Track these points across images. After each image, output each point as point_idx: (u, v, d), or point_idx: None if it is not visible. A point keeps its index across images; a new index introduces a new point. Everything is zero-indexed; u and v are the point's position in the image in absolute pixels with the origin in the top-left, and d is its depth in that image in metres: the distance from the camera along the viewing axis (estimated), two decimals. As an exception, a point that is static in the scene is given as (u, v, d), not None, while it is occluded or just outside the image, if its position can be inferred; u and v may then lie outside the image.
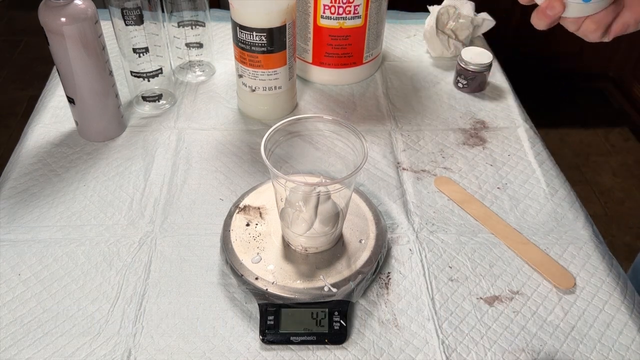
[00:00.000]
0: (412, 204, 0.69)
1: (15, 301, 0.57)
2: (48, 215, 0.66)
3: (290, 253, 0.59)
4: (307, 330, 0.54)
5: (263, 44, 0.71)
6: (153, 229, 0.64)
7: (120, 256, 0.61)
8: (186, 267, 0.61)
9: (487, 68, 0.85)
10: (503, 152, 0.77)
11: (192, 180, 0.71)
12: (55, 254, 0.61)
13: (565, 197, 0.70)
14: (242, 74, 0.76)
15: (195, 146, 0.76)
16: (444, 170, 0.74)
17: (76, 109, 0.73)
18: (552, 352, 0.54)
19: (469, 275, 0.61)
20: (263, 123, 0.80)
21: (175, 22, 0.82)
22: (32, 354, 0.53)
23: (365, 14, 0.80)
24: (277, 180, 0.54)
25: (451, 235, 0.65)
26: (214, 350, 0.54)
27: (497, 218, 0.67)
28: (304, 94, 0.87)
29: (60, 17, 0.63)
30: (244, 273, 0.56)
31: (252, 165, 0.73)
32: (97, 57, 0.68)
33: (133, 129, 0.78)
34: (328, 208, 0.55)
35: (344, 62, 0.86)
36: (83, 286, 0.59)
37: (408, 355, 0.54)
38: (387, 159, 0.75)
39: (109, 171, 0.72)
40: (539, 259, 0.62)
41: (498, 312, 0.57)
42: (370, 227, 0.61)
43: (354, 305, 0.58)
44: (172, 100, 0.83)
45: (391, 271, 0.61)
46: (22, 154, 0.74)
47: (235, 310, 0.57)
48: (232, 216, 0.62)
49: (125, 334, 0.55)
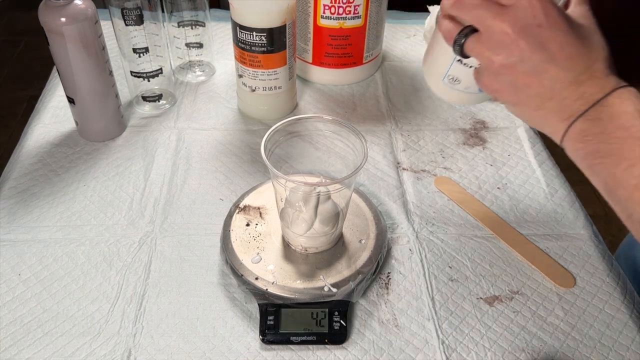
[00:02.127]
0: (412, 204, 0.69)
1: (15, 301, 0.57)
2: (48, 215, 0.66)
3: (290, 253, 0.59)
4: (307, 330, 0.54)
5: (263, 44, 0.71)
6: (153, 229, 0.64)
7: (120, 256, 0.61)
8: (186, 267, 0.61)
9: (487, 68, 0.85)
10: (503, 152, 0.77)
11: (192, 180, 0.71)
12: (55, 254, 0.61)
13: (565, 197, 0.70)
14: (242, 74, 0.76)
15: (195, 146, 0.76)
16: (444, 170, 0.74)
17: (76, 109, 0.73)
18: (552, 352, 0.54)
19: (469, 275, 0.61)
20: (263, 123, 0.80)
21: (175, 22, 0.82)
22: (32, 354, 0.53)
23: (365, 14, 0.80)
24: (277, 180, 0.54)
25: (451, 235, 0.65)
26: (214, 350, 0.54)
27: (497, 218, 0.67)
28: (304, 94, 0.87)
29: (60, 17, 0.63)
30: (244, 273, 0.56)
31: (252, 165, 0.73)
32: (97, 57, 0.68)
33: (133, 129, 0.78)
34: (328, 208, 0.55)
35: (344, 62, 0.85)
36: (83, 286, 0.59)
37: (408, 355, 0.54)
38: (387, 159, 0.75)
39: (109, 171, 0.72)
40: (539, 259, 0.62)
41: (498, 312, 0.57)
42: (370, 227, 0.61)
43: (354, 305, 0.58)
44: (172, 100, 0.83)
45: (391, 271, 0.61)
46: (22, 154, 0.74)
47: (235, 310, 0.57)
48: (232, 216, 0.62)
49: (125, 334, 0.55)
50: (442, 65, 0.58)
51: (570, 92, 0.41)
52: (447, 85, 0.60)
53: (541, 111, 0.42)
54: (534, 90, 0.42)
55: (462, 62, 0.54)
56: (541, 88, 0.41)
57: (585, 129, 0.40)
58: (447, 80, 0.59)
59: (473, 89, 0.58)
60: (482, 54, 0.43)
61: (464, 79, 0.57)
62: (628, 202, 0.39)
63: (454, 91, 0.60)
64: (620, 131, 0.39)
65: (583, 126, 0.40)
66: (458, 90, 0.60)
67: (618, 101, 0.39)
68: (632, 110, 0.39)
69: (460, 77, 0.57)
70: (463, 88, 0.59)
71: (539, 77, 0.41)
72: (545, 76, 0.41)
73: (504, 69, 0.42)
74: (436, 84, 0.61)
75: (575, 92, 0.41)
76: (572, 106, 0.41)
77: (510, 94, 0.43)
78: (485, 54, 0.43)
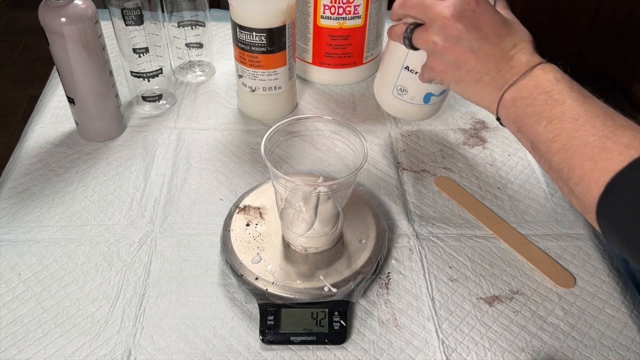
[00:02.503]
0: (412, 204, 0.69)
1: (15, 301, 0.57)
2: (48, 215, 0.66)
3: (290, 253, 0.59)
4: (307, 330, 0.54)
5: (263, 44, 0.71)
6: (153, 229, 0.64)
7: (120, 256, 0.61)
8: (186, 267, 0.61)
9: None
10: (503, 152, 0.77)
11: (192, 180, 0.71)
12: (55, 254, 0.61)
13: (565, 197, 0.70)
14: (242, 74, 0.76)
15: (195, 146, 0.76)
16: (444, 170, 0.74)
17: (76, 109, 0.73)
18: (552, 352, 0.54)
19: (469, 275, 0.61)
20: (263, 123, 0.80)
21: (175, 22, 0.82)
22: (32, 354, 0.53)
23: (365, 14, 0.80)
24: (277, 181, 0.54)
25: (451, 235, 0.65)
26: (214, 350, 0.54)
27: (497, 218, 0.67)
28: (304, 94, 0.87)
29: (60, 17, 0.63)
30: (244, 273, 0.56)
31: (252, 165, 0.73)
32: (97, 57, 0.68)
33: (133, 129, 0.78)
34: (328, 208, 0.55)
35: (344, 62, 0.85)
36: (83, 286, 0.59)
37: (408, 355, 0.54)
38: (387, 159, 0.75)
39: (109, 171, 0.72)
40: (539, 259, 0.62)
41: (498, 312, 0.57)
42: (370, 227, 0.61)
43: (354, 305, 0.58)
44: (172, 100, 0.83)
45: (391, 271, 0.61)
46: (22, 154, 0.74)
47: (235, 310, 0.57)
48: (232, 216, 0.62)
49: (125, 334, 0.55)
50: (392, 77, 0.68)
51: (502, 65, 0.49)
52: (396, 98, 0.70)
53: (479, 84, 0.51)
54: (472, 65, 0.50)
55: (409, 69, 0.65)
56: (478, 63, 0.50)
57: (515, 96, 0.48)
58: (396, 92, 0.69)
59: (418, 100, 0.69)
60: (427, 40, 0.52)
61: (410, 88, 0.68)
62: (547, 154, 0.46)
63: (402, 103, 0.70)
64: (542, 95, 0.46)
65: (513, 94, 0.49)
66: (406, 102, 0.70)
67: (541, 72, 0.48)
68: (552, 79, 0.47)
69: (407, 85, 0.68)
70: (409, 99, 0.69)
71: (475, 53, 0.50)
72: (480, 53, 0.50)
73: (446, 50, 0.51)
74: (387, 98, 0.72)
75: (507, 66, 0.49)
76: (504, 77, 0.49)
77: (453, 71, 0.52)
78: (430, 39, 0.52)
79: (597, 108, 0.45)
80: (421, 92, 0.68)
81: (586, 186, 0.43)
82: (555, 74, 0.47)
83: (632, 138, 0.42)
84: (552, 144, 0.45)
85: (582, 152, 0.43)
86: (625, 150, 0.41)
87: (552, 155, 0.45)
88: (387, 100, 0.71)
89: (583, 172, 0.43)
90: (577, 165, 0.43)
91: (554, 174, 0.47)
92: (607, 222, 0.43)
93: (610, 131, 0.42)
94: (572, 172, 0.44)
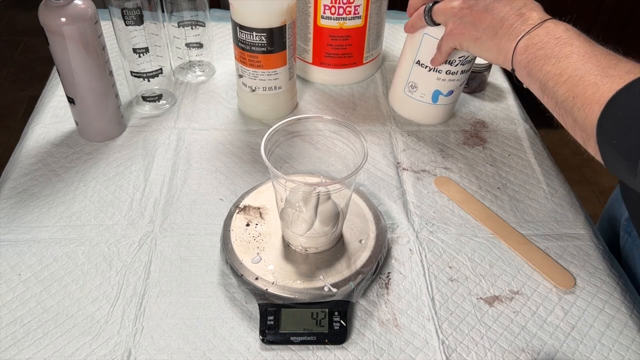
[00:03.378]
0: (412, 204, 0.69)
1: (15, 301, 0.57)
2: (48, 215, 0.66)
3: (290, 253, 0.59)
4: (307, 330, 0.54)
5: (263, 44, 0.71)
6: (153, 229, 0.64)
7: (120, 256, 0.61)
8: (186, 267, 0.61)
9: (487, 68, 0.85)
10: (503, 152, 0.77)
11: (192, 180, 0.71)
12: (55, 254, 0.61)
13: (565, 197, 0.70)
14: (242, 74, 0.76)
15: (195, 146, 0.76)
16: (444, 170, 0.74)
17: (76, 109, 0.73)
18: (552, 352, 0.54)
19: (469, 275, 0.61)
20: (263, 123, 0.80)
21: (175, 22, 0.82)
22: (32, 354, 0.53)
23: (366, 14, 0.80)
24: (277, 181, 0.54)
25: (451, 235, 0.65)
26: (214, 350, 0.54)
27: (497, 218, 0.67)
28: (304, 94, 0.87)
29: (60, 17, 0.63)
30: (244, 273, 0.56)
31: (252, 165, 0.73)
32: (97, 57, 0.68)
33: (133, 129, 0.78)
34: (328, 208, 0.55)
35: (344, 62, 0.86)
36: (83, 286, 0.59)
37: (408, 355, 0.54)
38: (387, 159, 0.75)
39: (109, 171, 0.72)
40: (539, 259, 0.62)
41: (498, 312, 0.57)
42: (370, 227, 0.61)
43: (354, 305, 0.58)
44: (172, 100, 0.83)
45: (391, 271, 0.61)
46: (22, 154, 0.74)
47: (235, 310, 0.57)
48: (232, 216, 0.62)
49: (125, 334, 0.55)
50: (405, 73, 0.75)
51: (515, 20, 0.56)
52: (407, 96, 0.76)
53: (495, 39, 0.58)
54: (488, 22, 0.58)
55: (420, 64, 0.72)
56: (493, 20, 0.58)
57: (528, 43, 0.54)
58: (407, 89, 0.76)
59: (427, 98, 0.75)
60: (446, 8, 0.63)
61: (420, 84, 0.74)
62: (554, 88, 0.50)
63: (412, 101, 0.76)
64: (553, 40, 0.52)
65: (527, 42, 0.55)
66: (416, 100, 0.76)
67: (552, 24, 0.54)
68: (563, 29, 0.53)
69: (418, 81, 0.74)
70: (419, 96, 0.75)
71: (490, 13, 0.58)
72: (494, 12, 0.58)
73: (464, 11, 0.61)
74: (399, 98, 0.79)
75: (520, 20, 0.56)
76: (518, 29, 0.56)
77: (472, 30, 0.60)
78: (449, 6, 0.62)
79: (602, 49, 0.49)
80: (430, 88, 0.73)
81: (588, 109, 0.46)
82: (565, 25, 0.53)
83: (633, 67, 0.46)
84: (559, 78, 0.50)
85: (586, 79, 0.47)
86: (626, 76, 0.45)
87: (558, 88, 0.50)
88: (399, 100, 0.77)
89: (586, 96, 0.47)
90: (580, 92, 0.47)
91: (559, 109, 0.50)
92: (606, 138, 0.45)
93: (614, 63, 0.47)
94: (577, 98, 0.48)
